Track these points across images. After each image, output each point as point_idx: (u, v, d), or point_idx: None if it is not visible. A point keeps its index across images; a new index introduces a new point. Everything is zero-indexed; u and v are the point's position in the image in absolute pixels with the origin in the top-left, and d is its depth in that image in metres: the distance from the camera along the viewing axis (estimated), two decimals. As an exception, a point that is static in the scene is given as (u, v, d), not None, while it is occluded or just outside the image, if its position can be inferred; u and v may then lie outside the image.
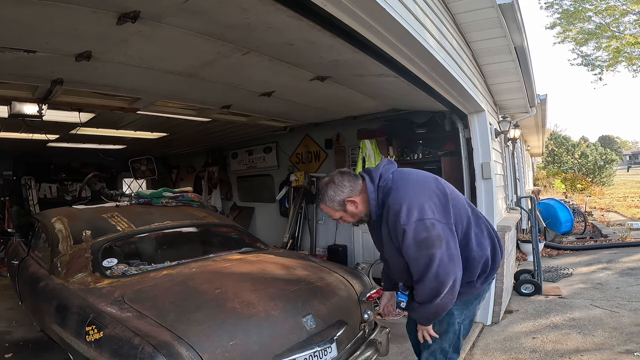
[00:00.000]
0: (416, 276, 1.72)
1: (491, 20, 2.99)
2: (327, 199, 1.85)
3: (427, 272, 1.66)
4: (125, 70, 2.64)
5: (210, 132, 5.80)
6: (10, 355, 3.02)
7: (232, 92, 3.40)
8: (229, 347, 1.78)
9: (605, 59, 12.88)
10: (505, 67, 3.82)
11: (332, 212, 1.88)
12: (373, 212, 1.83)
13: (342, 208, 1.85)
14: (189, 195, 3.99)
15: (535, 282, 4.51)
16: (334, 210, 1.87)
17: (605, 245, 6.88)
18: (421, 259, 1.66)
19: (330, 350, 2.12)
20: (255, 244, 3.40)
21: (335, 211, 1.87)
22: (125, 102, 3.60)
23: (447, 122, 4.46)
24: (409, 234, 1.66)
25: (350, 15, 1.79)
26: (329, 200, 1.85)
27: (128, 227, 2.99)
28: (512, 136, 6.15)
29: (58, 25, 1.93)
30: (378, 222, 1.86)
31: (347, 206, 1.85)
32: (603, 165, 22.79)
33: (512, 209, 5.78)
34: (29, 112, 3.31)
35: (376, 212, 1.82)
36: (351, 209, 1.85)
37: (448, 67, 2.65)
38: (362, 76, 2.98)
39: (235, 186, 7.72)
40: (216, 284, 2.28)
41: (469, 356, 3.12)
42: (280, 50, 2.39)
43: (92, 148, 6.82)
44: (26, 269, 3.04)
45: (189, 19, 1.93)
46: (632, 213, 11.28)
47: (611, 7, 11.35)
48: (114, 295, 2.13)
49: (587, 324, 3.57)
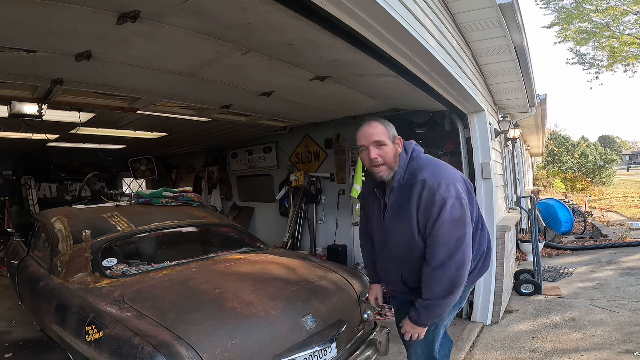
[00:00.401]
0: (439, 258, 1.63)
1: (491, 20, 2.99)
2: (387, 124, 1.78)
3: (454, 254, 1.62)
4: (125, 70, 2.64)
5: (210, 132, 5.79)
6: (10, 355, 3.02)
7: (232, 92, 3.40)
8: (229, 347, 1.78)
9: (603, 58, 12.90)
10: (505, 67, 3.82)
11: (385, 136, 1.74)
12: (398, 176, 1.75)
13: (393, 141, 1.77)
14: (189, 195, 3.99)
15: (535, 282, 4.51)
16: (387, 137, 1.75)
17: (605, 245, 6.88)
18: (452, 238, 1.62)
19: (330, 350, 2.12)
20: (255, 244, 3.40)
21: (387, 138, 1.75)
22: (125, 102, 3.60)
23: (447, 122, 4.46)
24: (447, 208, 1.62)
25: (350, 15, 1.79)
26: (389, 126, 1.78)
27: (128, 227, 2.99)
28: (512, 136, 6.15)
29: (58, 25, 1.93)
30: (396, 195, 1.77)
31: (396, 142, 1.78)
32: (603, 165, 22.79)
33: (512, 209, 5.78)
34: (29, 112, 3.30)
35: (399, 179, 1.75)
36: (397, 148, 1.77)
37: (448, 67, 2.65)
38: (362, 76, 2.98)
39: (235, 186, 7.72)
40: (216, 284, 2.28)
41: (469, 356, 3.12)
42: (280, 50, 2.39)
43: (92, 148, 6.82)
44: (26, 269, 3.04)
45: (189, 19, 1.93)
46: (632, 213, 11.28)
47: (612, 7, 11.35)
48: (114, 295, 2.13)
49: (587, 324, 3.57)
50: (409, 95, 3.46)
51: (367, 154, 1.75)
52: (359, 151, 1.82)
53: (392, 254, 1.86)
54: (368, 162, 1.77)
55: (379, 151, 1.73)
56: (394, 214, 1.79)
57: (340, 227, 5.66)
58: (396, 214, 1.78)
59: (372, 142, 1.73)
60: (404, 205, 1.73)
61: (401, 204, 1.75)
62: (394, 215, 1.79)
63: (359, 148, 1.80)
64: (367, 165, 1.79)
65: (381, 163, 1.74)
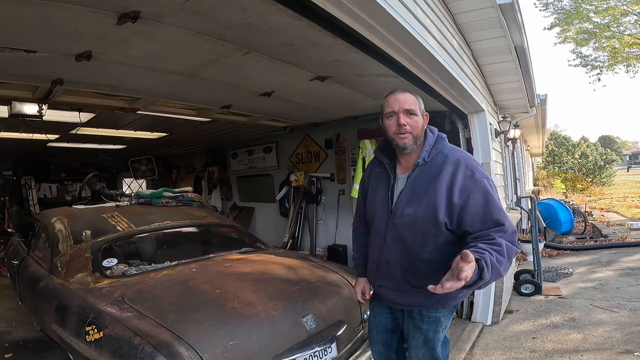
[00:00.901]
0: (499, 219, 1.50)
1: (491, 20, 2.99)
2: (418, 97, 1.71)
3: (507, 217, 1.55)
4: (125, 70, 2.64)
5: (210, 132, 5.79)
6: (10, 355, 3.02)
7: (232, 92, 3.40)
8: (229, 347, 1.78)
9: (604, 59, 12.90)
10: (505, 67, 3.82)
11: (416, 106, 1.66)
12: (424, 152, 1.66)
13: (422, 115, 1.69)
14: (189, 195, 3.99)
15: (535, 282, 4.51)
16: (418, 107, 1.67)
17: (605, 245, 6.88)
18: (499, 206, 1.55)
19: (330, 350, 2.12)
20: (255, 244, 3.40)
21: (418, 109, 1.67)
22: (125, 102, 3.60)
23: (447, 122, 4.46)
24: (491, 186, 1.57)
25: (350, 15, 1.79)
26: (420, 99, 1.70)
27: (128, 227, 3.00)
28: (512, 136, 6.15)
29: (58, 25, 1.93)
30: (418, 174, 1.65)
31: (424, 116, 1.71)
32: (603, 165, 22.79)
33: (512, 209, 5.78)
34: (29, 112, 3.30)
35: (424, 156, 1.65)
36: (424, 122, 1.70)
37: (448, 67, 2.65)
38: (362, 76, 2.98)
39: (235, 186, 7.72)
40: (216, 284, 2.29)
41: (469, 356, 3.12)
42: (280, 50, 2.39)
43: (92, 148, 6.82)
44: (26, 269, 3.04)
45: (189, 19, 1.93)
46: (632, 213, 11.28)
47: (611, 7, 11.35)
48: (114, 295, 2.13)
49: (587, 324, 3.57)
50: (409, 95, 3.45)
51: (394, 120, 1.64)
52: (384, 117, 1.69)
53: (398, 242, 1.68)
54: (394, 129, 1.65)
55: (409, 119, 1.63)
56: (412, 194, 1.65)
57: (340, 227, 5.66)
58: (415, 194, 1.63)
59: (403, 109, 1.63)
60: (428, 184, 1.61)
61: (425, 183, 1.62)
62: (412, 196, 1.64)
63: (386, 114, 1.68)
64: (392, 132, 1.66)
65: (408, 131, 1.63)
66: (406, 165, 1.72)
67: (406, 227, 1.65)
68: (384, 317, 1.90)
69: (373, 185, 1.83)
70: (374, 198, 1.80)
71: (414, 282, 1.67)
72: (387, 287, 1.78)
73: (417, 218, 1.61)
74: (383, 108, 1.70)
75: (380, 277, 1.79)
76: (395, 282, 1.73)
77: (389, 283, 1.76)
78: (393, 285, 1.75)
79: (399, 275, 1.70)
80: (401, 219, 1.65)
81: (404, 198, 1.66)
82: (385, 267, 1.74)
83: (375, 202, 1.78)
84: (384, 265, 1.75)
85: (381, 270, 1.77)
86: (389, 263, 1.73)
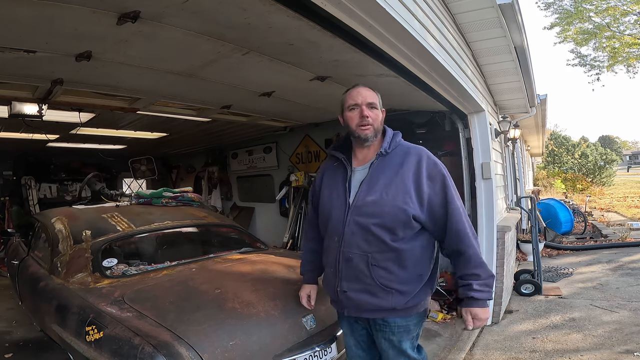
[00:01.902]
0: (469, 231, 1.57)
1: (491, 20, 2.99)
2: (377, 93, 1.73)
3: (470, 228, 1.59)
4: (125, 70, 2.64)
5: (210, 132, 5.80)
6: (10, 355, 3.02)
7: (232, 92, 3.40)
8: (229, 347, 1.78)
9: (604, 59, 12.91)
10: (505, 67, 3.82)
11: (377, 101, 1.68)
12: (385, 143, 1.65)
13: (380, 106, 1.71)
14: (189, 195, 3.99)
15: (535, 282, 4.51)
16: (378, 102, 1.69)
17: (605, 245, 6.88)
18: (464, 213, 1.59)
19: (330, 350, 2.12)
20: (255, 244, 3.40)
21: (378, 103, 1.69)
22: (125, 102, 3.60)
23: (447, 122, 4.46)
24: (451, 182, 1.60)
25: (350, 15, 1.79)
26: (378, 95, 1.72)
27: (128, 227, 2.99)
28: (512, 136, 6.15)
29: (58, 25, 1.93)
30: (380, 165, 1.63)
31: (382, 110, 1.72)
32: (603, 165, 22.81)
33: (512, 209, 5.78)
34: (29, 112, 3.31)
35: (385, 147, 1.64)
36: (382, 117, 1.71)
37: (448, 67, 2.65)
38: (362, 76, 2.98)
39: (235, 186, 7.72)
40: (216, 284, 2.28)
41: (469, 356, 3.12)
42: (280, 50, 2.39)
43: (92, 148, 6.82)
44: (26, 269, 3.04)
45: (189, 19, 1.93)
46: (632, 213, 11.28)
47: (611, 7, 11.35)
48: (114, 295, 2.13)
49: (587, 324, 3.57)
50: (409, 95, 3.46)
51: (357, 112, 1.65)
52: (346, 110, 1.69)
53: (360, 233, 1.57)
54: (357, 121, 1.64)
55: (371, 112, 1.65)
56: (374, 182, 1.60)
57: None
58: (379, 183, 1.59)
59: (366, 102, 1.65)
60: (393, 174, 1.59)
61: (388, 172, 1.60)
62: (374, 184, 1.60)
63: (348, 107, 1.68)
64: (354, 124, 1.65)
65: (370, 123, 1.64)
66: (363, 158, 1.70)
67: (369, 215, 1.56)
68: (357, 333, 1.80)
69: (327, 183, 1.77)
70: (329, 195, 1.72)
71: (383, 278, 1.56)
72: (353, 289, 1.61)
73: (383, 205, 1.54)
74: (344, 101, 1.70)
75: (342, 280, 1.62)
76: (362, 282, 1.58)
77: (355, 284, 1.60)
78: (360, 286, 1.59)
79: (365, 271, 1.57)
80: (363, 207, 1.57)
81: (365, 187, 1.60)
82: (347, 267, 1.60)
83: (331, 198, 1.70)
84: (344, 265, 1.60)
85: (342, 271, 1.61)
86: (351, 261, 1.58)
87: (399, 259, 1.56)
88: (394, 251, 1.55)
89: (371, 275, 1.56)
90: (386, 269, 1.56)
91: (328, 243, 1.71)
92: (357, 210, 1.58)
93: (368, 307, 1.61)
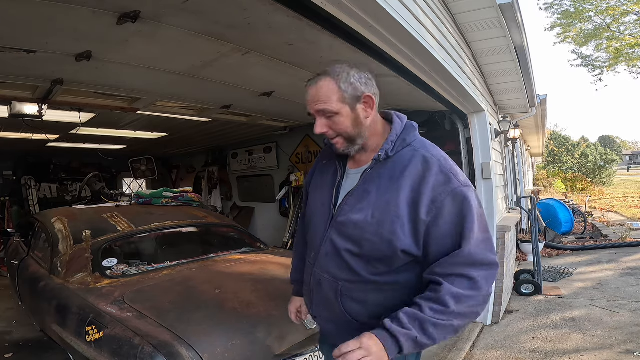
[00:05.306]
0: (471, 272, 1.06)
1: (491, 20, 2.99)
2: (342, 77, 1.16)
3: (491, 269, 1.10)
4: (125, 70, 2.64)
5: (210, 132, 5.79)
6: (10, 355, 3.02)
7: (232, 92, 3.40)
8: (229, 347, 1.78)
9: (605, 59, 12.91)
10: (505, 67, 3.82)
11: (333, 101, 1.16)
12: (387, 145, 1.19)
13: (351, 102, 1.17)
14: (189, 195, 3.99)
15: (535, 282, 4.51)
16: (337, 100, 1.16)
17: (605, 246, 6.88)
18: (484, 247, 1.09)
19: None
20: (255, 244, 3.40)
21: (338, 102, 1.16)
22: (125, 102, 3.60)
23: (447, 122, 4.46)
24: (472, 203, 1.09)
25: (350, 15, 1.79)
26: (343, 80, 1.15)
27: (128, 227, 3.00)
28: (512, 136, 6.15)
29: (58, 25, 1.93)
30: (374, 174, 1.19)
31: (359, 103, 1.18)
32: (603, 165, 22.81)
33: (512, 209, 5.78)
34: (29, 112, 3.30)
35: (387, 149, 1.18)
36: (360, 111, 1.18)
37: (448, 67, 2.65)
38: (362, 76, 2.98)
39: (235, 186, 7.72)
40: (216, 284, 2.28)
41: (469, 356, 3.12)
42: (280, 50, 2.39)
43: (92, 148, 6.82)
44: (26, 269, 3.04)
45: (189, 19, 1.93)
46: (632, 213, 11.27)
47: (612, 7, 11.35)
48: (114, 295, 2.13)
49: (587, 324, 3.57)
50: (409, 95, 3.46)
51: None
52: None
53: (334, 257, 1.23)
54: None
55: (327, 122, 1.19)
56: (363, 196, 1.18)
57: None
58: (368, 198, 1.17)
59: (316, 111, 1.19)
60: (387, 189, 1.15)
61: (383, 186, 1.16)
62: (362, 200, 1.18)
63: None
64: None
65: (333, 136, 1.22)
66: (359, 159, 1.27)
67: (346, 237, 1.19)
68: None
69: (316, 183, 1.39)
70: (314, 199, 1.36)
71: (354, 311, 1.21)
72: (322, 317, 1.33)
73: (364, 230, 1.15)
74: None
75: (313, 303, 1.34)
76: (331, 311, 1.27)
77: (324, 312, 1.31)
78: (328, 315, 1.29)
79: (333, 300, 1.24)
80: (343, 227, 1.20)
81: (351, 201, 1.20)
82: (317, 290, 1.29)
83: (315, 204, 1.34)
84: (315, 288, 1.30)
85: (314, 294, 1.31)
86: (320, 285, 1.27)
87: (378, 291, 1.19)
88: (371, 283, 1.19)
89: (341, 307, 1.23)
90: (360, 301, 1.21)
91: (308, 255, 1.37)
92: (338, 226, 1.22)
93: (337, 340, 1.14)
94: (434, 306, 1.05)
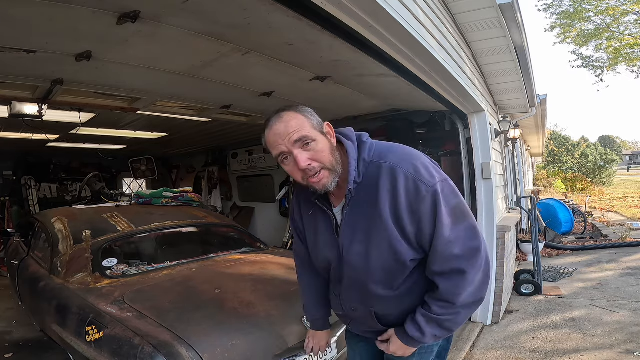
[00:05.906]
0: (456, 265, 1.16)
1: (491, 20, 2.99)
2: (301, 109, 1.21)
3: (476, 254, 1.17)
4: (125, 70, 2.64)
5: (210, 132, 5.79)
6: (10, 355, 3.02)
7: (232, 92, 3.40)
8: (229, 347, 1.78)
9: (605, 59, 12.91)
10: (505, 67, 3.82)
11: (308, 128, 1.18)
12: (352, 175, 1.20)
13: (320, 129, 1.21)
14: (189, 195, 3.99)
15: (535, 282, 4.51)
16: (312, 127, 1.18)
17: (605, 245, 6.88)
18: (462, 236, 1.16)
19: (331, 350, 2.12)
20: (255, 244, 3.40)
21: (313, 129, 1.18)
22: (125, 102, 3.60)
23: (447, 122, 4.46)
24: (440, 199, 1.14)
25: (350, 15, 1.79)
26: (304, 111, 1.21)
27: (128, 227, 3.00)
28: (512, 136, 6.15)
29: (58, 25, 1.93)
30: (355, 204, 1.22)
31: (326, 131, 1.23)
32: (603, 165, 22.82)
33: (512, 209, 5.78)
34: (29, 112, 3.30)
35: (354, 179, 1.20)
36: (330, 139, 1.23)
37: (448, 67, 2.65)
38: (362, 76, 2.98)
39: (235, 186, 7.72)
40: (216, 284, 2.29)
41: (469, 356, 3.12)
42: (280, 50, 2.39)
43: (92, 148, 6.81)
44: (26, 269, 3.04)
45: (189, 19, 1.93)
46: (632, 213, 11.28)
47: (611, 7, 11.36)
48: (114, 295, 2.13)
49: (587, 324, 3.57)
50: (409, 95, 3.46)
51: (293, 164, 1.18)
52: (279, 162, 1.23)
53: (355, 289, 1.32)
54: (301, 175, 1.20)
55: (308, 153, 1.17)
56: (353, 230, 1.24)
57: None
58: (359, 231, 1.23)
59: (293, 143, 1.16)
60: (370, 215, 1.19)
61: (365, 213, 1.21)
62: (354, 233, 1.24)
63: (278, 159, 1.22)
64: (300, 178, 1.21)
65: (318, 168, 1.18)
66: (337, 193, 1.28)
67: (360, 271, 1.27)
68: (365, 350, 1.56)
69: (311, 224, 1.40)
70: (316, 238, 1.38)
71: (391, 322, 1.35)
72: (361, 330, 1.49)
73: (370, 258, 1.23)
74: (268, 147, 1.25)
75: (351, 324, 1.52)
76: (371, 327, 1.40)
77: (363, 327, 1.46)
78: (367, 330, 1.45)
79: (371, 321, 1.37)
80: (351, 263, 1.27)
81: (345, 240, 1.26)
82: (353, 315, 1.42)
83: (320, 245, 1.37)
84: (350, 313, 1.42)
85: (350, 318, 1.47)
86: (356, 311, 1.39)
87: (405, 298, 1.31)
88: (397, 297, 1.30)
89: (379, 325, 1.37)
90: (394, 313, 1.33)
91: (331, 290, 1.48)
92: (346, 264, 1.30)
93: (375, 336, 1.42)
94: (442, 304, 1.22)
